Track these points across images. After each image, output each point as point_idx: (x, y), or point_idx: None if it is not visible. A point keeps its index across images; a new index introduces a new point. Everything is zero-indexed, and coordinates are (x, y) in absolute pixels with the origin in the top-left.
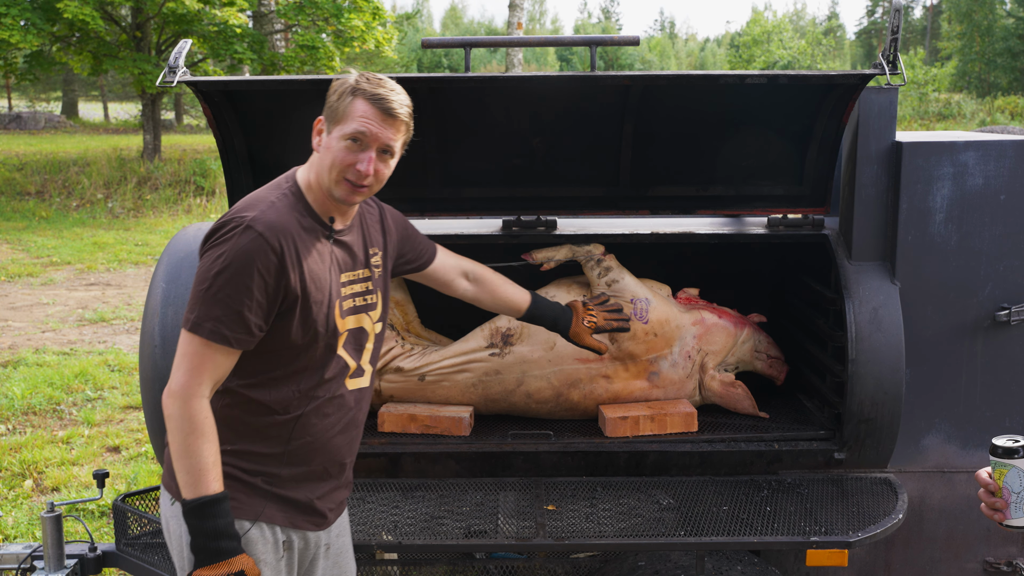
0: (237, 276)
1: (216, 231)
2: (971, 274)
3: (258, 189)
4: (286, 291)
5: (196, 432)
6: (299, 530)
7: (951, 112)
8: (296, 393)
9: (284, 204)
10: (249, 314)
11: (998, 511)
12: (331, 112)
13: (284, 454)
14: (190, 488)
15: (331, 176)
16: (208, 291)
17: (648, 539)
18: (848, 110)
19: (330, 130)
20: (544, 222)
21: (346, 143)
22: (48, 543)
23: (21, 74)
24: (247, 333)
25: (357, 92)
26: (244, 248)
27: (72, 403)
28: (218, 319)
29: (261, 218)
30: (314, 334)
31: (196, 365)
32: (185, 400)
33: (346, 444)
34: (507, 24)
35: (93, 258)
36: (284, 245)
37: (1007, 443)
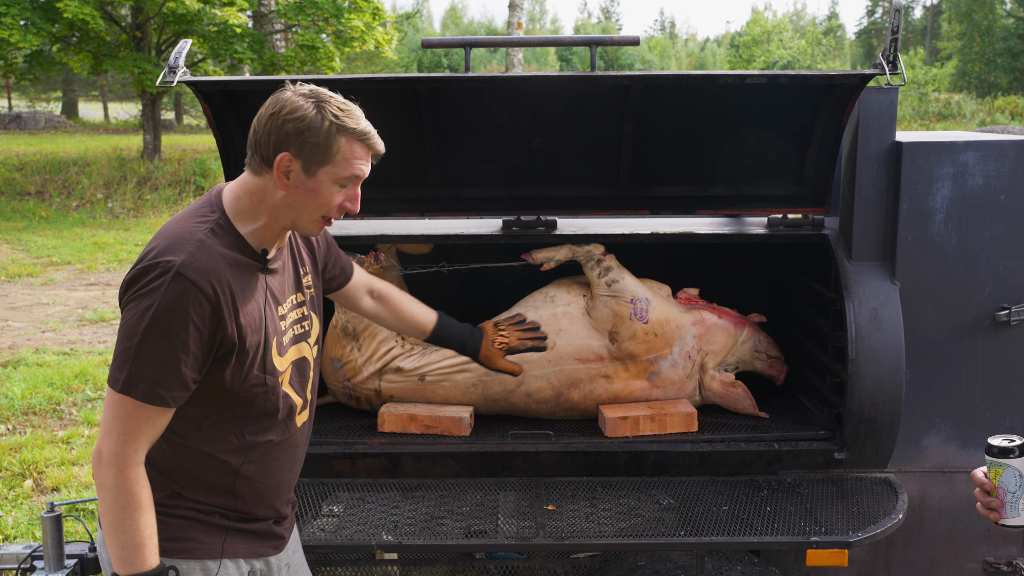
0: (170, 330)
1: (138, 278)
2: (971, 274)
3: (177, 218)
4: (222, 340)
5: (132, 505)
6: (262, 557)
7: (951, 112)
8: (240, 441)
9: (213, 242)
10: (185, 369)
11: (994, 510)
12: (312, 151)
13: (235, 499)
14: (124, 564)
15: (308, 215)
16: (139, 347)
17: (648, 539)
18: (848, 110)
19: (312, 171)
20: (544, 222)
21: (336, 186)
22: (48, 543)
23: (21, 74)
24: (183, 389)
25: (343, 131)
26: (175, 298)
27: (72, 403)
28: (151, 379)
29: (191, 263)
30: (252, 378)
31: (130, 429)
32: (120, 469)
33: (293, 478)
34: (507, 24)
35: (93, 258)
36: (219, 291)
37: (1002, 443)
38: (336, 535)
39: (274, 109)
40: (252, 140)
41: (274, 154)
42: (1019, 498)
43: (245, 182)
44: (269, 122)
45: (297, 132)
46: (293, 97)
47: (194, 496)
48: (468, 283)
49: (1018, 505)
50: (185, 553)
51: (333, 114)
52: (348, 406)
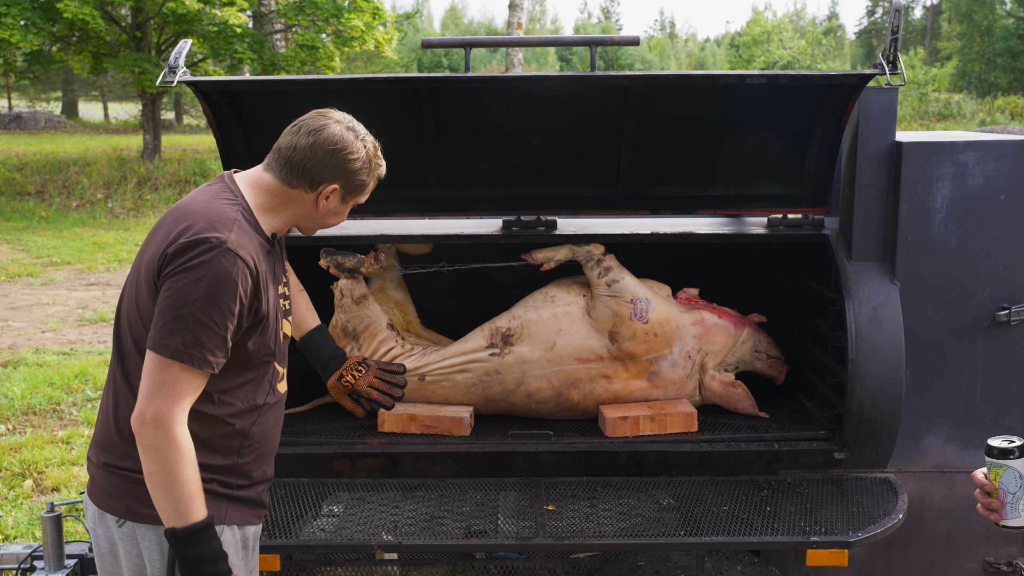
0: (221, 300)
1: (186, 251)
2: (971, 274)
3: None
4: (256, 311)
5: (183, 459)
6: (251, 526)
7: (951, 112)
8: (247, 404)
9: (246, 223)
10: (228, 336)
11: (994, 511)
12: (356, 188)
13: (238, 464)
14: (177, 516)
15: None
16: (192, 316)
17: (648, 539)
18: (848, 110)
19: (347, 200)
20: (544, 222)
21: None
22: (48, 543)
23: (20, 73)
24: (225, 355)
25: (377, 168)
26: (227, 270)
27: (72, 403)
28: (202, 345)
29: (238, 240)
30: (267, 348)
31: (178, 391)
32: (169, 427)
33: (277, 442)
34: (507, 24)
35: (93, 258)
36: (258, 267)
37: (1002, 444)
38: (336, 535)
39: (334, 146)
40: (298, 161)
41: (323, 182)
42: (1019, 499)
43: (268, 184)
44: (328, 156)
45: (351, 172)
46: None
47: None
48: (468, 283)
49: (1018, 506)
50: None
51: (375, 156)
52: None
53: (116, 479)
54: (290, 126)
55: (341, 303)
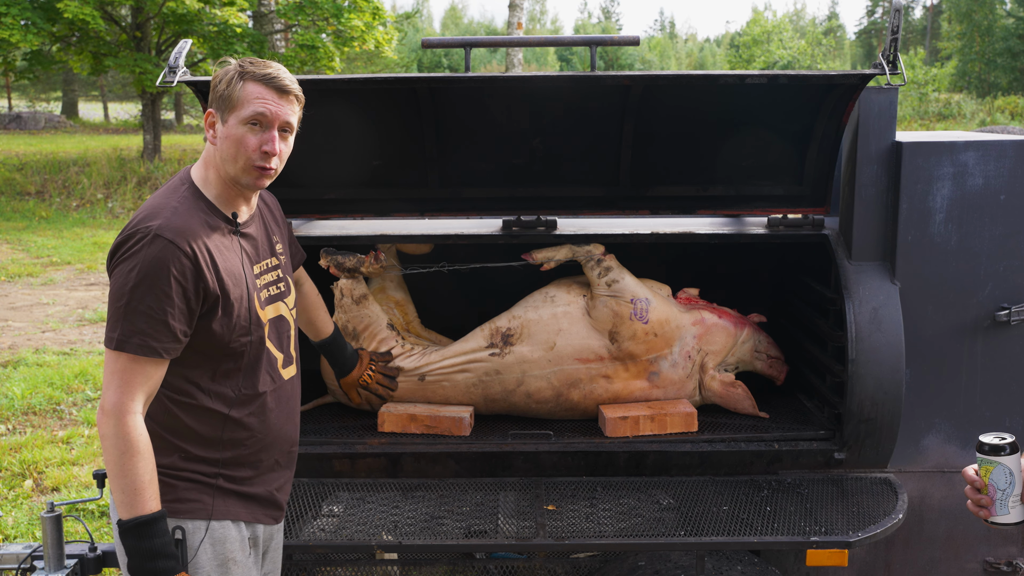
0: (155, 286)
1: (122, 245)
2: (971, 274)
3: (153, 196)
4: (205, 293)
5: (131, 451)
6: (260, 525)
7: (951, 112)
8: (237, 393)
9: (186, 207)
10: (173, 321)
11: (984, 508)
12: (223, 101)
13: (237, 455)
14: (126, 508)
15: (237, 165)
16: (128, 306)
17: (648, 539)
18: (848, 110)
19: (225, 119)
20: (544, 222)
21: (247, 127)
22: (48, 543)
23: (20, 72)
24: (174, 340)
25: (246, 76)
26: (155, 257)
27: (72, 403)
28: (143, 332)
29: (167, 225)
30: (240, 330)
31: (127, 381)
32: (118, 418)
33: (292, 431)
34: (507, 24)
35: (93, 258)
36: (195, 248)
37: (994, 440)
38: (336, 535)
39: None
40: None
41: (206, 116)
42: (1008, 496)
43: (203, 154)
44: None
45: (214, 88)
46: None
47: (203, 456)
48: (468, 283)
49: (1007, 502)
50: (190, 513)
51: (240, 65)
52: (348, 406)
53: None
54: None
55: (341, 303)
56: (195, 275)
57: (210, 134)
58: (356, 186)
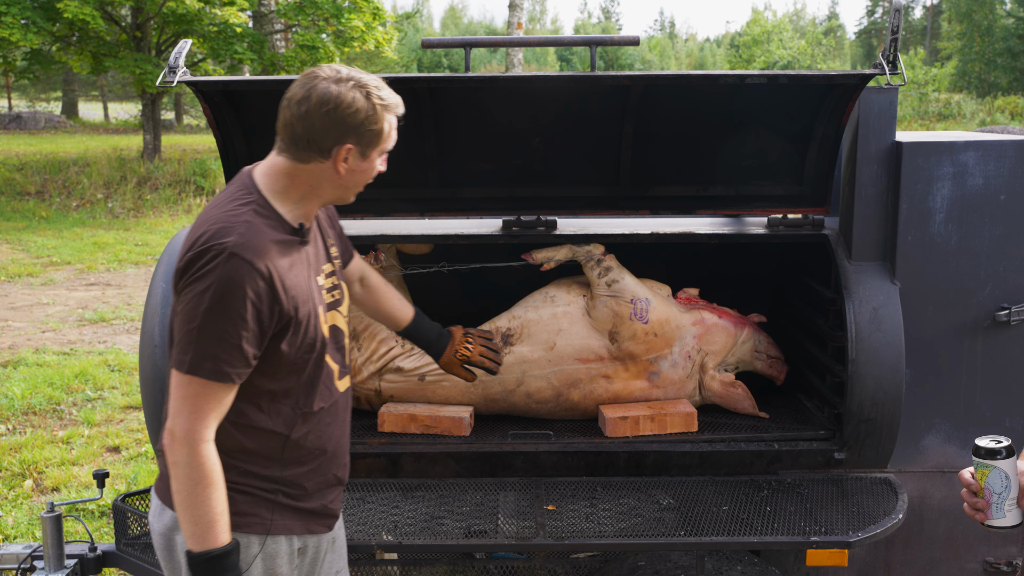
0: (230, 308)
1: (194, 262)
2: (971, 274)
3: (218, 203)
4: (280, 315)
5: (205, 481)
6: (314, 535)
7: (951, 112)
8: (294, 411)
9: (258, 223)
10: (247, 345)
11: (980, 511)
12: (371, 136)
13: (295, 474)
14: (198, 540)
15: (354, 189)
16: (201, 328)
17: (648, 539)
18: (848, 110)
19: (366, 154)
20: (544, 222)
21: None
22: (48, 543)
23: (20, 72)
24: (246, 365)
25: (387, 109)
26: (231, 277)
27: (72, 403)
28: (215, 357)
29: (243, 243)
30: (306, 347)
31: (199, 407)
32: (192, 447)
33: (345, 444)
34: (507, 24)
35: (93, 258)
36: (271, 268)
37: (989, 444)
38: None
39: (327, 106)
40: (300, 134)
41: (334, 145)
42: (1005, 499)
43: (281, 166)
44: (325, 118)
45: (356, 125)
46: (340, 89)
47: (262, 473)
48: (468, 283)
49: (1004, 506)
50: (247, 528)
51: (378, 98)
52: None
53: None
54: (282, 100)
55: None
56: (270, 297)
57: (341, 166)
58: None
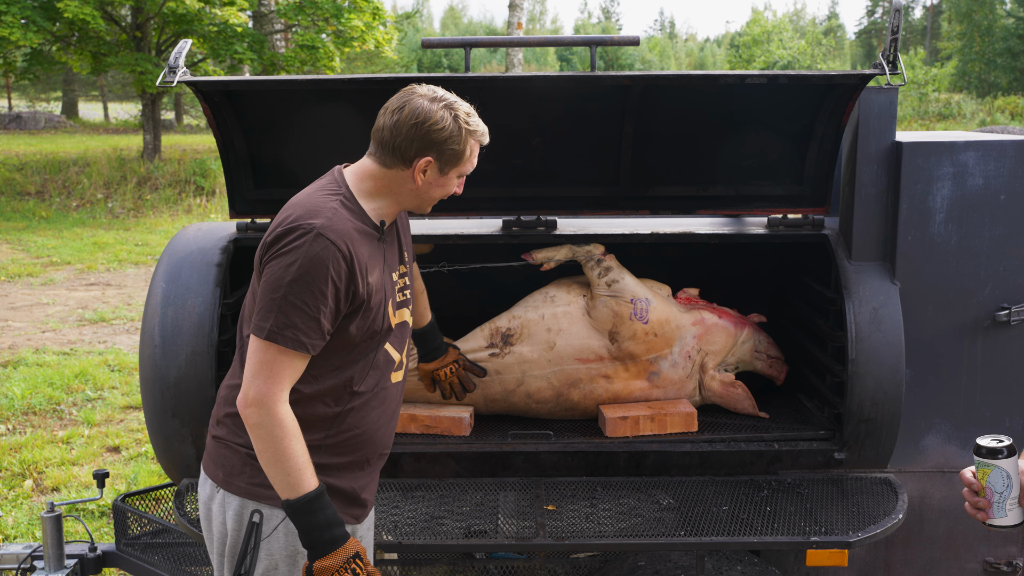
0: (312, 283)
1: (281, 238)
2: (971, 274)
3: (307, 192)
4: (354, 296)
5: (288, 435)
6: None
7: (951, 112)
8: (346, 387)
9: (345, 212)
10: (323, 319)
11: (981, 510)
12: (449, 156)
13: (332, 445)
14: (290, 489)
15: (433, 203)
16: (284, 299)
17: (648, 539)
18: (848, 110)
19: (446, 171)
20: (544, 222)
21: (458, 178)
22: (48, 543)
23: (21, 73)
24: (321, 338)
25: (472, 134)
26: (317, 255)
27: (72, 403)
28: (295, 327)
29: (330, 226)
30: (372, 333)
31: (276, 372)
32: (270, 407)
33: (388, 435)
34: (507, 24)
35: (93, 258)
36: (353, 252)
37: (991, 443)
38: None
39: (416, 119)
40: (387, 140)
41: (416, 157)
42: (1006, 498)
43: (369, 169)
44: (412, 130)
45: (440, 141)
46: (431, 107)
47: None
48: (468, 283)
49: (1005, 505)
50: (271, 500)
51: (465, 122)
52: None
53: (215, 447)
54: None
55: None
56: (349, 278)
57: (417, 175)
58: None
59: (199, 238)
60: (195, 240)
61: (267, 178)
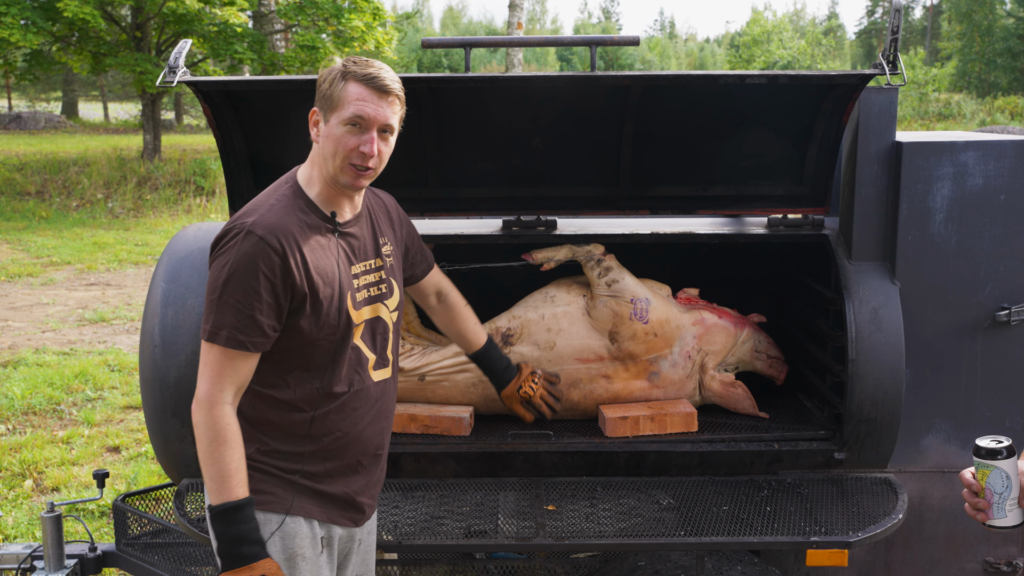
0: (244, 281)
1: (219, 240)
2: (971, 274)
3: (260, 193)
4: (293, 290)
5: (219, 439)
6: (337, 526)
7: (951, 112)
8: (319, 390)
9: (283, 205)
10: (261, 316)
11: (981, 511)
12: (326, 100)
13: (316, 451)
14: (215, 494)
15: (335, 163)
16: (219, 299)
17: (648, 539)
18: (848, 110)
19: (327, 118)
20: (544, 222)
21: (346, 128)
22: (48, 543)
23: (21, 74)
24: (261, 335)
25: (348, 76)
26: (247, 253)
27: (72, 403)
28: (232, 325)
29: (260, 222)
30: (329, 328)
31: (217, 372)
32: (208, 408)
33: (377, 435)
34: (507, 24)
35: (93, 258)
36: (286, 245)
37: (990, 444)
38: None
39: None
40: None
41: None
42: (1006, 499)
43: (311, 152)
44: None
45: (318, 87)
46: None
47: (281, 449)
48: (468, 283)
49: (1005, 506)
50: (265, 505)
51: (344, 64)
52: None
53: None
54: None
55: None
56: (283, 271)
57: (314, 132)
58: None
59: (199, 238)
60: (195, 240)
61: (267, 178)
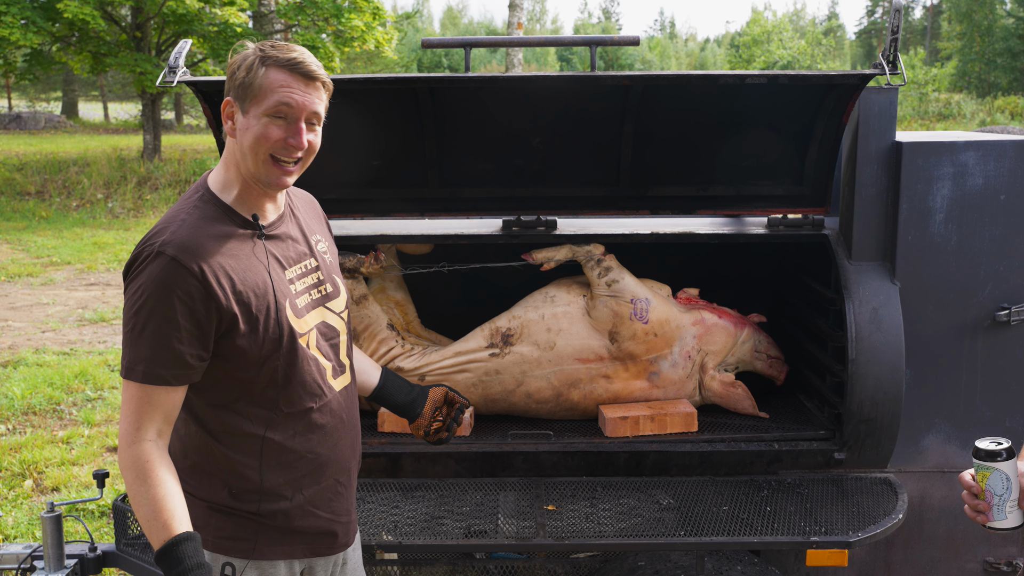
0: (157, 309)
1: (131, 264)
2: (971, 274)
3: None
4: (220, 312)
5: (140, 479)
6: (320, 556)
7: (951, 112)
8: (278, 412)
9: (195, 217)
10: (180, 346)
11: (981, 513)
12: (243, 89)
13: (291, 481)
14: (153, 538)
15: (257, 159)
16: (132, 332)
17: (648, 539)
18: (848, 110)
19: (245, 109)
20: (544, 222)
21: (269, 119)
22: (48, 543)
23: (21, 74)
24: (183, 367)
25: (268, 61)
26: (159, 277)
27: (72, 403)
28: (148, 360)
29: (172, 240)
30: (271, 343)
31: (136, 410)
32: (128, 447)
33: (349, 447)
34: (507, 24)
35: (93, 258)
36: (203, 263)
37: (990, 446)
38: None
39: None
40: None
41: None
42: (1006, 501)
43: (224, 152)
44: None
45: (232, 75)
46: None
47: (252, 488)
48: (468, 283)
49: (1005, 508)
50: (241, 553)
51: (260, 49)
52: None
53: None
54: None
55: None
56: (204, 294)
57: (228, 126)
58: (356, 186)
59: None
60: None
61: None
